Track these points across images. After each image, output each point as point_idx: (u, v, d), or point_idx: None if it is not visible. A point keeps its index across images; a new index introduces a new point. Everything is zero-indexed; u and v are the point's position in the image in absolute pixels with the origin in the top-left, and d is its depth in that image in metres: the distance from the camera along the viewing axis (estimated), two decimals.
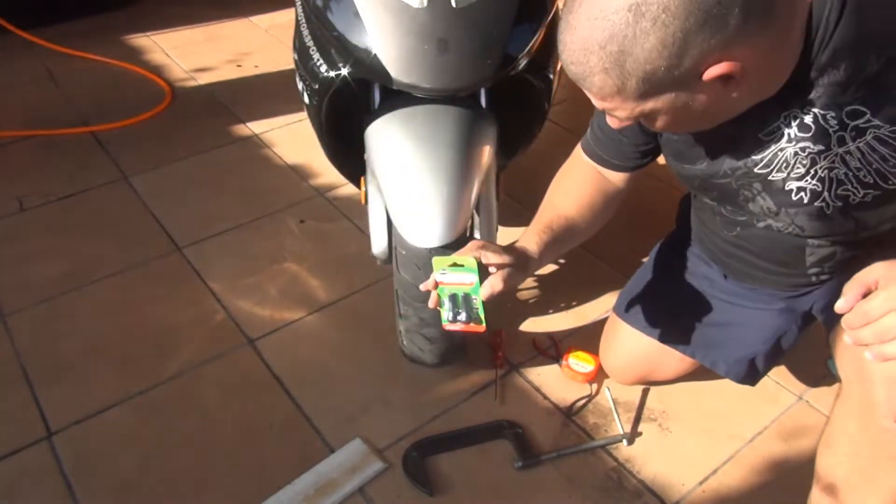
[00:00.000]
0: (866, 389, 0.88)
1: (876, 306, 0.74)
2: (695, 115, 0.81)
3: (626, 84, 0.73)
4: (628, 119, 0.81)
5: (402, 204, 1.18)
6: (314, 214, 1.86)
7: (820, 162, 0.88)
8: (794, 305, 1.16)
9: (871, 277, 0.77)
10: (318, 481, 1.21)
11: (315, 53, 1.27)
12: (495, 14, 1.14)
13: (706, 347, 1.25)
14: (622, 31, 0.69)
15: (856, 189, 0.89)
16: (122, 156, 2.08)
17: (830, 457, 0.98)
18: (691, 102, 0.77)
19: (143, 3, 3.07)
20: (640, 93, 0.74)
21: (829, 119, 0.84)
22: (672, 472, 1.25)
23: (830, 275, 1.07)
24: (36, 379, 1.40)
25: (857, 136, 0.84)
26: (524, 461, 1.24)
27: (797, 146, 0.88)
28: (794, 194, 0.93)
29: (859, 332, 0.76)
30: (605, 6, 0.69)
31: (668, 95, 0.75)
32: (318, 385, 1.40)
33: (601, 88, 0.75)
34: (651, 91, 0.74)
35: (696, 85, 0.74)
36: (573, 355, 1.41)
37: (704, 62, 0.71)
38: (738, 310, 1.20)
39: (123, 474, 1.23)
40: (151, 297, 1.60)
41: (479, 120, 1.24)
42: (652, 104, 0.76)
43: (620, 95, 0.75)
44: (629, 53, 0.70)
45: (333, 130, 1.38)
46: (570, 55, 0.75)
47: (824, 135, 0.85)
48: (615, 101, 0.77)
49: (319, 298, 1.60)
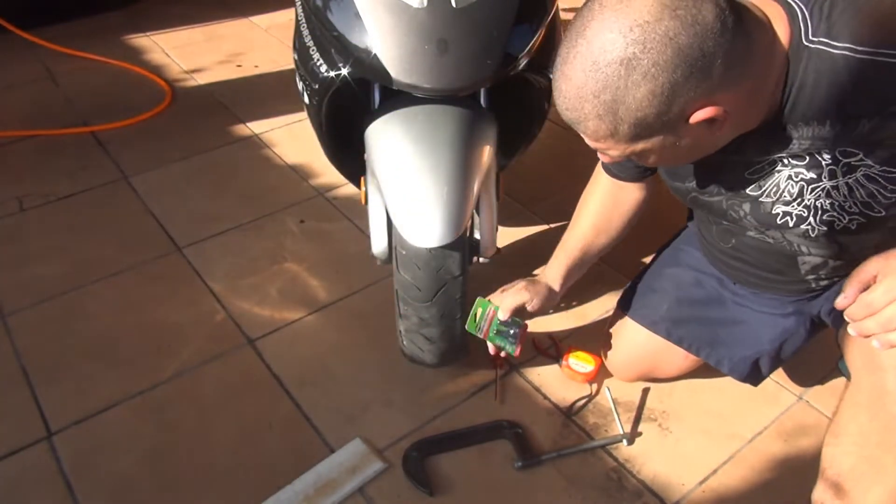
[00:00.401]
0: (877, 378, 0.89)
1: (878, 297, 0.78)
2: (682, 152, 0.86)
3: (618, 129, 0.78)
4: (620, 157, 0.86)
5: (402, 204, 1.18)
6: (314, 214, 1.86)
7: (809, 190, 0.92)
8: (802, 308, 1.16)
9: (868, 272, 0.80)
10: (318, 481, 1.21)
11: (315, 53, 1.27)
12: (495, 14, 1.14)
13: (711, 345, 1.25)
14: (615, 82, 0.74)
15: (841, 216, 0.93)
16: (122, 156, 2.08)
17: (837, 446, 0.98)
18: (678, 143, 0.82)
19: (143, 3, 3.07)
20: (631, 136, 0.79)
21: (824, 154, 0.87)
22: (672, 472, 1.25)
23: (830, 280, 1.08)
24: (36, 379, 1.40)
25: (849, 172, 0.88)
26: (524, 461, 1.24)
27: (791, 171, 0.91)
28: (779, 218, 0.97)
29: (863, 323, 0.79)
30: (599, 59, 0.74)
31: (657, 138, 0.80)
32: (318, 385, 1.40)
33: (595, 132, 0.80)
34: (642, 134, 0.79)
35: (683, 128, 0.79)
36: (573, 355, 1.41)
37: (690, 108, 0.76)
38: (746, 310, 1.20)
39: (123, 474, 1.23)
40: (151, 297, 1.60)
41: (479, 120, 1.24)
42: (642, 145, 0.81)
43: (613, 138, 0.80)
44: (621, 102, 0.75)
45: (333, 130, 1.38)
46: (565, 102, 0.79)
47: (817, 166, 0.89)
48: (608, 143, 0.81)
49: (319, 298, 1.60)
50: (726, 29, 0.73)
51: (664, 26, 0.71)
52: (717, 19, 0.72)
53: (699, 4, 0.72)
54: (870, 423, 0.92)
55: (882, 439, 0.91)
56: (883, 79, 0.77)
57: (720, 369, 1.26)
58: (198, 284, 1.63)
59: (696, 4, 0.72)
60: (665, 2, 0.71)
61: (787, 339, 1.19)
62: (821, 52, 0.79)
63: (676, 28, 0.71)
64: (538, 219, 1.85)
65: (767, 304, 1.19)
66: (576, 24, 0.77)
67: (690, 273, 1.27)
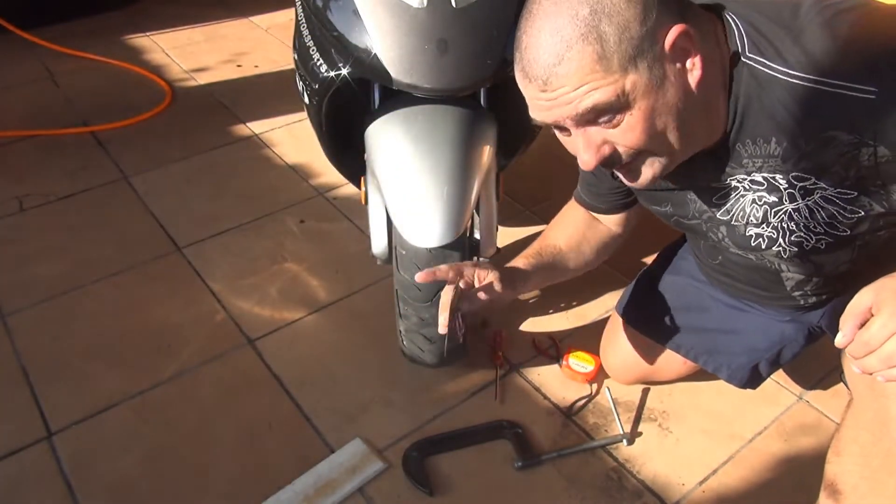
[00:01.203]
0: (880, 405, 0.90)
1: (875, 334, 0.76)
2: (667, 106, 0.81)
3: (605, 48, 0.75)
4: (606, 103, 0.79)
5: (402, 204, 1.18)
6: (314, 214, 1.86)
7: (773, 214, 0.93)
8: (800, 318, 1.16)
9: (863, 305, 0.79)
10: (318, 481, 1.21)
11: (315, 53, 1.27)
12: (495, 14, 1.14)
13: (709, 353, 1.25)
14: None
15: (808, 237, 0.94)
16: (122, 156, 2.08)
17: (840, 465, 0.98)
18: (662, 83, 0.79)
19: (143, 3, 3.07)
20: (620, 56, 0.76)
21: (778, 178, 0.88)
22: (672, 472, 1.25)
23: (817, 297, 1.09)
24: (36, 379, 1.40)
25: (806, 195, 0.88)
26: (524, 461, 1.24)
27: (754, 195, 0.93)
28: (752, 240, 0.98)
29: (865, 360, 0.78)
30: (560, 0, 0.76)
31: (644, 70, 0.77)
32: (318, 385, 1.40)
33: (580, 66, 0.76)
34: (629, 55, 0.76)
35: (662, 57, 0.78)
36: (573, 355, 1.41)
37: (663, 28, 0.77)
38: (744, 316, 1.20)
39: (123, 474, 1.23)
40: (151, 297, 1.60)
41: (479, 120, 1.24)
42: (632, 79, 0.77)
43: (601, 65, 0.76)
44: (601, 12, 0.74)
45: (333, 130, 1.38)
46: (537, 48, 0.77)
47: (776, 189, 0.90)
48: (596, 77, 0.77)
49: (319, 298, 1.60)
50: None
51: None
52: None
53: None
54: (872, 445, 0.92)
55: (884, 463, 0.91)
56: (809, 102, 0.79)
57: (719, 376, 1.25)
58: (198, 284, 1.63)
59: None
60: None
61: (786, 345, 1.19)
62: (758, 71, 0.81)
63: None
64: (538, 219, 1.85)
65: (764, 312, 1.19)
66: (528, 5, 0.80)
67: (689, 281, 1.26)
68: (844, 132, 0.79)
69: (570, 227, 1.23)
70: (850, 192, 0.86)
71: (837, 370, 1.41)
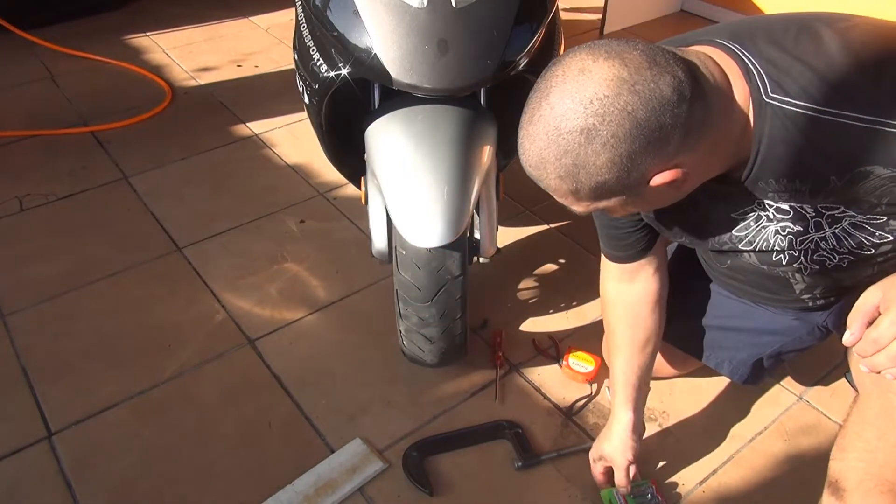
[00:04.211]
0: (886, 400, 0.90)
1: (884, 332, 0.78)
2: (646, 206, 0.90)
3: (579, 190, 0.79)
4: (584, 213, 0.87)
5: (402, 204, 1.18)
6: (314, 214, 1.86)
7: (798, 242, 0.93)
8: (805, 317, 1.16)
9: (871, 303, 0.80)
10: (318, 481, 1.21)
11: (315, 53, 1.27)
12: (495, 14, 1.14)
13: (712, 349, 1.25)
14: (575, 149, 0.75)
15: (831, 257, 0.95)
16: (122, 156, 2.08)
17: (844, 461, 0.98)
18: (641, 201, 0.84)
19: (143, 3, 3.07)
20: (591, 197, 0.80)
21: (806, 207, 0.88)
22: (672, 472, 1.25)
23: (826, 299, 1.09)
24: (36, 379, 1.40)
25: (833, 223, 0.89)
26: (524, 461, 1.24)
27: (777, 225, 0.93)
28: (774, 255, 0.99)
29: (873, 358, 0.79)
30: (560, 126, 0.75)
31: (619, 198, 0.81)
32: (318, 385, 1.40)
33: (556, 190, 0.81)
34: (602, 195, 0.80)
35: (644, 189, 0.80)
36: (573, 355, 1.41)
37: (651, 173, 0.77)
38: (748, 312, 1.20)
39: (123, 474, 1.23)
40: (151, 297, 1.60)
41: (479, 120, 1.24)
42: (604, 204, 0.82)
43: (574, 196, 0.81)
44: (582, 167, 0.76)
45: (333, 130, 1.38)
46: (528, 160, 0.80)
47: (802, 218, 0.90)
48: (570, 200, 0.82)
49: (319, 298, 1.60)
50: (683, 100, 0.74)
51: (623, 101, 0.72)
52: (675, 92, 0.73)
53: (657, 78, 0.73)
54: (877, 440, 0.92)
55: (889, 458, 0.91)
56: (841, 139, 0.78)
57: (720, 372, 1.26)
58: (198, 284, 1.63)
59: (654, 78, 0.73)
60: (624, 76, 0.72)
61: (789, 340, 1.20)
62: (780, 109, 0.79)
63: (635, 103, 0.72)
64: (538, 219, 1.85)
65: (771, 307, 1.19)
66: (540, 85, 0.78)
67: (694, 280, 1.26)
68: (881, 166, 0.78)
69: (632, 327, 1.18)
70: (880, 218, 0.85)
71: (837, 370, 1.42)
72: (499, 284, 1.64)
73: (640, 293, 1.17)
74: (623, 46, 0.75)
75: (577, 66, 0.75)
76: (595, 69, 0.74)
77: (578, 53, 0.76)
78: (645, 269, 1.16)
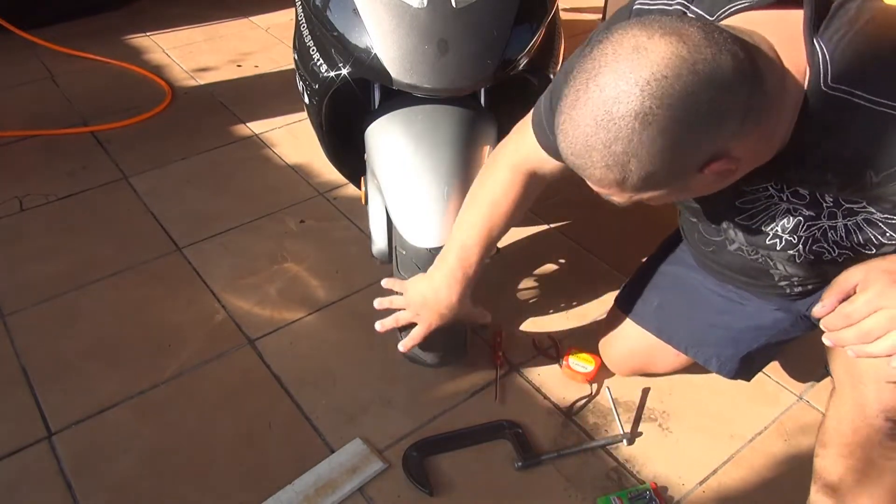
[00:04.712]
0: (858, 392, 0.90)
1: (858, 308, 0.77)
2: (690, 195, 0.84)
3: (626, 179, 0.73)
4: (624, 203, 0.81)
5: (402, 204, 1.18)
6: (314, 214, 1.86)
7: (805, 227, 0.91)
8: (789, 307, 1.16)
9: (849, 282, 0.79)
10: (318, 481, 1.21)
11: (315, 53, 1.27)
12: (495, 14, 1.14)
13: (700, 344, 1.26)
14: (628, 135, 0.69)
15: (831, 249, 0.93)
16: (122, 156, 2.08)
17: (826, 457, 0.98)
18: (687, 190, 0.79)
19: (143, 3, 3.07)
20: (638, 188, 0.75)
21: (826, 196, 0.85)
22: (672, 472, 1.25)
23: (803, 287, 1.09)
24: (36, 379, 1.40)
25: (848, 215, 0.86)
26: (524, 461, 1.24)
27: (789, 205, 0.90)
28: (768, 238, 0.95)
29: (840, 333, 0.79)
30: (612, 109, 0.69)
31: (666, 188, 0.76)
32: (318, 385, 1.40)
33: (601, 180, 0.75)
34: (650, 186, 0.75)
35: (693, 178, 0.75)
36: (573, 355, 1.41)
37: (704, 162, 0.73)
38: (734, 306, 1.21)
39: (123, 474, 1.23)
40: (151, 297, 1.60)
41: (479, 120, 1.24)
42: (649, 194, 0.77)
43: (619, 187, 0.75)
44: (633, 155, 0.70)
45: (333, 130, 1.38)
46: (571, 147, 0.74)
47: (817, 205, 0.87)
48: (612, 191, 0.77)
49: (319, 298, 1.60)
50: (744, 81, 0.69)
51: (683, 82, 0.67)
52: (735, 72, 0.68)
53: (717, 57, 0.68)
54: (853, 434, 0.93)
55: (865, 453, 0.91)
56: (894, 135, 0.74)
57: (709, 367, 1.26)
58: (198, 284, 1.63)
59: (714, 57, 0.68)
60: (683, 54, 0.67)
61: (774, 333, 1.20)
62: (840, 99, 0.75)
63: (695, 84, 0.67)
64: (538, 219, 1.85)
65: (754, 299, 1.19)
66: (585, 64, 0.72)
67: (682, 271, 1.27)
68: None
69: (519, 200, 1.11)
70: None
71: None
72: (499, 284, 1.64)
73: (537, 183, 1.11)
74: (678, 23, 0.69)
75: (629, 44, 0.69)
76: (651, 47, 0.68)
77: (630, 29, 0.70)
78: (542, 176, 1.10)
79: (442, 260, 1.15)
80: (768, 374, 1.41)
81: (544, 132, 1.02)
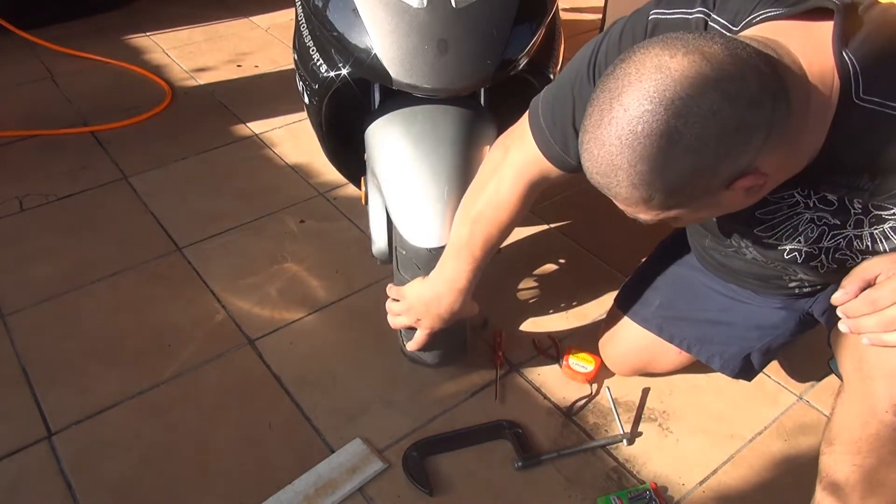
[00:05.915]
0: (867, 387, 0.89)
1: (884, 296, 0.76)
2: (718, 212, 0.83)
3: (652, 198, 0.73)
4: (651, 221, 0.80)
5: (402, 204, 1.18)
6: (314, 214, 1.86)
7: (829, 236, 0.89)
8: (792, 305, 1.16)
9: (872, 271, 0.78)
10: (318, 481, 1.21)
11: (315, 53, 1.27)
12: (495, 14, 1.14)
13: (702, 343, 1.26)
14: (653, 154, 0.69)
15: (854, 256, 0.91)
16: (122, 156, 2.08)
17: (832, 454, 0.98)
18: (715, 207, 0.79)
19: (143, 3, 3.07)
20: (665, 206, 0.74)
21: (855, 203, 0.84)
22: (672, 472, 1.25)
23: (812, 287, 1.09)
24: (36, 379, 1.40)
25: (876, 223, 0.84)
26: (524, 461, 1.24)
27: (814, 214, 0.88)
28: (786, 253, 0.94)
29: (861, 320, 0.77)
30: (637, 129, 0.69)
31: (694, 205, 0.76)
32: (318, 385, 1.40)
33: (627, 199, 0.75)
34: (677, 203, 0.74)
35: (721, 194, 0.75)
36: (573, 355, 1.41)
37: (731, 178, 0.72)
38: (736, 305, 1.21)
39: (123, 474, 1.23)
40: (151, 297, 1.60)
41: (479, 120, 1.24)
42: (675, 213, 0.77)
43: (645, 205, 0.75)
44: (659, 174, 0.70)
45: (333, 130, 1.38)
46: (596, 167, 0.74)
47: (844, 212, 0.85)
48: (639, 209, 0.77)
49: (319, 298, 1.60)
50: (768, 96, 0.69)
51: (708, 100, 0.66)
52: (760, 88, 0.68)
53: (742, 74, 0.67)
54: (861, 431, 0.92)
55: (873, 449, 0.90)
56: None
57: (711, 366, 1.26)
58: (198, 284, 1.63)
59: (738, 74, 0.67)
60: (707, 72, 0.67)
61: (778, 333, 1.20)
62: (873, 112, 0.74)
63: (720, 102, 0.67)
64: (538, 219, 1.85)
65: (757, 297, 1.19)
66: (608, 84, 0.71)
67: (683, 270, 1.27)
68: None
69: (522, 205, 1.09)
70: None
71: None
72: (499, 284, 1.64)
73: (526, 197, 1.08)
74: (701, 40, 0.69)
75: (652, 63, 0.69)
76: (674, 66, 0.68)
77: (652, 48, 0.70)
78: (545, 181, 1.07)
79: (443, 265, 1.16)
80: (768, 374, 1.41)
81: (547, 142, 1.01)
